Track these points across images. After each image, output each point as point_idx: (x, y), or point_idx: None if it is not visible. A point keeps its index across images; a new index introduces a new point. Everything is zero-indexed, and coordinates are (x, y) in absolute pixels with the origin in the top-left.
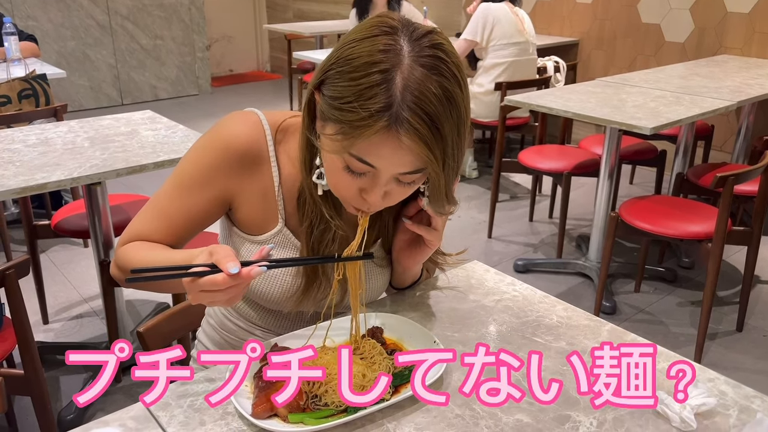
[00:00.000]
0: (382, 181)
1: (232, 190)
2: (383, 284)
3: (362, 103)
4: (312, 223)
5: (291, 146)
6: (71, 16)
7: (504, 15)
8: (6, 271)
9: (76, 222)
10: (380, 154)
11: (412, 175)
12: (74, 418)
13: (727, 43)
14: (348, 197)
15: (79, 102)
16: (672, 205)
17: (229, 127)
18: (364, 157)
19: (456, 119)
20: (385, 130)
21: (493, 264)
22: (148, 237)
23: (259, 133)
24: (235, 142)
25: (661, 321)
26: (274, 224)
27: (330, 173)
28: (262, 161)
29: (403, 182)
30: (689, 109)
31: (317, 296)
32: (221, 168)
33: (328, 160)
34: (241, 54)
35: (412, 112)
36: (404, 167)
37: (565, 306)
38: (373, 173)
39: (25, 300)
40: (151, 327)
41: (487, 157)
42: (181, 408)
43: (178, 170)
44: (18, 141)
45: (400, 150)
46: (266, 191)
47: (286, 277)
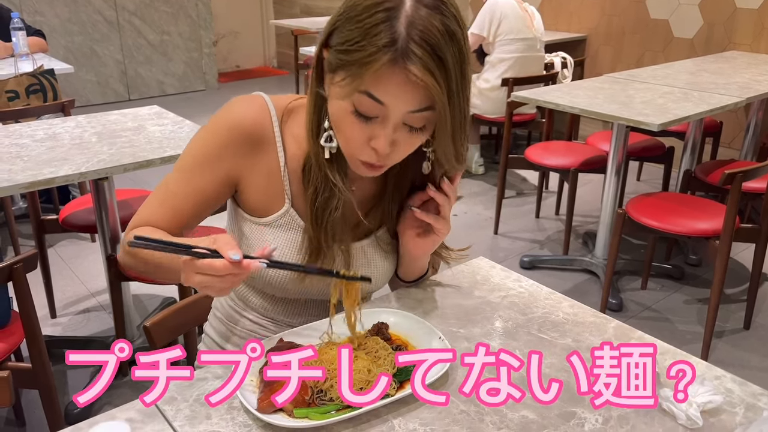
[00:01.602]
0: (390, 123)
1: (239, 171)
2: (389, 270)
3: (369, 40)
4: (317, 190)
5: (296, 127)
6: (78, 12)
7: (512, 10)
8: (14, 265)
9: (83, 217)
10: (388, 90)
11: (420, 115)
12: (81, 412)
13: (736, 39)
14: (357, 148)
15: (86, 97)
16: (679, 202)
17: (235, 109)
18: (373, 92)
19: (458, 55)
20: (391, 63)
21: (499, 260)
22: (157, 221)
23: (264, 114)
24: (242, 123)
25: (667, 318)
26: (280, 205)
27: (339, 125)
28: (267, 142)
29: (410, 126)
30: (697, 105)
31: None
32: (228, 148)
33: (337, 111)
34: (248, 49)
35: (417, 45)
36: (412, 104)
37: (571, 303)
38: (381, 117)
39: (33, 294)
40: (158, 322)
41: (494, 153)
42: (187, 402)
43: (186, 153)
44: (26, 136)
45: (407, 84)
46: (272, 172)
47: (290, 257)
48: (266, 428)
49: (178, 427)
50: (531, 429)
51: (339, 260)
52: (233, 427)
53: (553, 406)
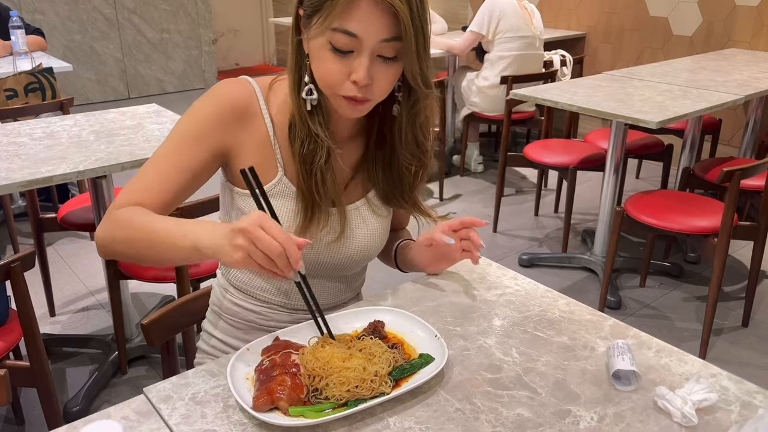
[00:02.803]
0: (365, 53)
1: (228, 144)
2: (384, 230)
3: None
4: (303, 143)
5: (281, 98)
6: (78, 10)
7: (511, 8)
8: (11, 263)
9: (82, 215)
10: (359, 19)
11: (390, 44)
12: (80, 410)
13: (735, 36)
14: (338, 83)
15: (85, 95)
16: (678, 200)
17: (221, 86)
18: (346, 26)
19: None
20: None
21: (498, 258)
22: (144, 197)
23: (249, 90)
24: (228, 98)
25: (666, 316)
26: (274, 174)
27: (320, 66)
28: (254, 115)
29: (384, 57)
30: (696, 103)
31: (319, 227)
32: (216, 121)
33: (316, 53)
34: (248, 47)
35: None
36: (382, 32)
37: (568, 301)
38: (357, 50)
39: (32, 293)
40: (155, 320)
41: (493, 151)
42: (182, 401)
43: (178, 128)
44: (24, 134)
45: (375, 11)
46: (262, 142)
47: (286, 223)
48: (262, 427)
49: (174, 426)
50: (526, 427)
51: (334, 219)
52: (229, 425)
53: (548, 404)
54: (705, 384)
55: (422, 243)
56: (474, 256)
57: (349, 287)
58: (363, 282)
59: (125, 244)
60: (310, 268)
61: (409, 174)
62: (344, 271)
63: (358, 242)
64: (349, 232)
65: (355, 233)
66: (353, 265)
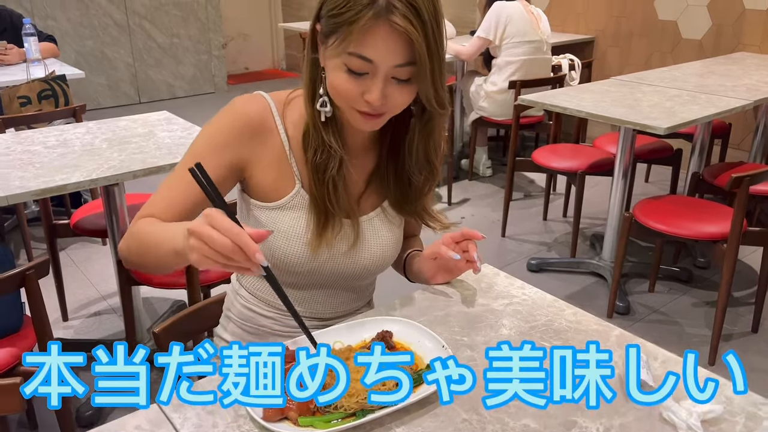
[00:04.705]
0: (379, 77)
1: (244, 159)
2: (396, 242)
3: (354, 2)
4: (316, 151)
5: (295, 114)
6: (89, 16)
7: (518, 13)
8: (26, 271)
9: (94, 221)
10: (375, 45)
11: (405, 69)
12: (92, 414)
13: (744, 40)
14: (351, 99)
15: (97, 100)
16: (687, 205)
17: (236, 103)
18: (361, 51)
19: (432, 7)
20: (374, 19)
21: (507, 263)
22: (164, 211)
23: (264, 105)
24: (244, 114)
25: (675, 321)
26: (291, 187)
27: (335, 84)
28: (269, 130)
29: (398, 79)
30: (705, 108)
31: (332, 234)
32: (232, 136)
33: (332, 70)
34: (257, 52)
35: (397, 0)
36: (396, 58)
37: (575, 310)
38: (371, 73)
39: (45, 297)
40: (167, 327)
41: (501, 154)
42: (194, 410)
43: (192, 145)
44: (38, 143)
45: (391, 36)
46: (279, 157)
47: (300, 234)
48: None
49: None
50: None
51: (348, 230)
52: None
53: (555, 415)
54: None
55: (428, 256)
56: (475, 267)
57: (361, 296)
58: (374, 289)
59: (137, 254)
60: (325, 278)
61: (418, 184)
62: (358, 281)
63: (372, 253)
64: (364, 243)
65: (369, 244)
66: (368, 275)
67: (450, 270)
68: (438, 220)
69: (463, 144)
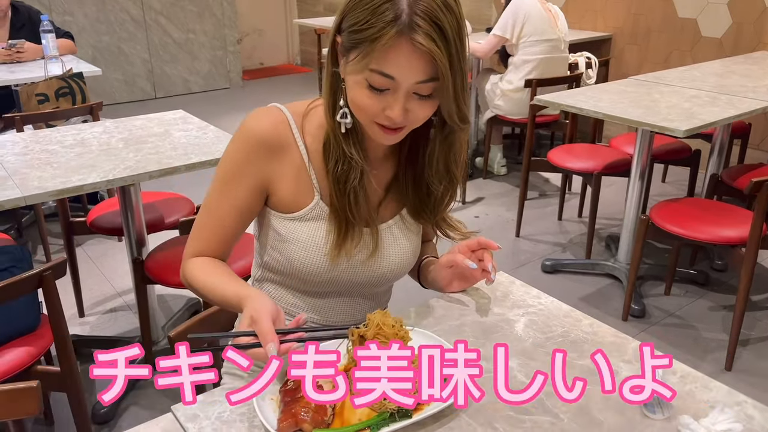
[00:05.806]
0: (401, 93)
1: (267, 176)
2: (414, 250)
3: (376, 18)
4: (337, 162)
5: (314, 127)
6: (106, 11)
7: (535, 11)
8: (44, 272)
9: (110, 219)
10: (397, 63)
11: (426, 85)
12: (108, 412)
13: (765, 38)
14: (372, 114)
15: (113, 96)
16: (705, 208)
17: (252, 121)
18: (383, 68)
19: (456, 24)
20: (397, 37)
21: (521, 263)
22: (207, 245)
23: (280, 119)
24: (259, 132)
25: (691, 325)
26: (310, 199)
27: (356, 99)
28: (287, 144)
29: (420, 95)
30: (725, 110)
31: (352, 244)
32: (251, 156)
33: (353, 86)
34: (272, 47)
35: (420, 17)
36: (418, 75)
37: (591, 321)
38: (392, 89)
39: (62, 293)
40: (182, 332)
41: (516, 153)
42: (209, 420)
43: (218, 172)
44: (55, 142)
45: (413, 54)
46: (298, 170)
47: (320, 244)
48: None
49: None
50: None
51: (367, 238)
52: None
53: (570, 430)
54: (730, 414)
55: (444, 264)
56: (489, 278)
57: (378, 303)
58: (390, 297)
59: (198, 294)
60: (343, 287)
61: (437, 193)
62: (376, 288)
63: (390, 260)
64: (382, 250)
65: (388, 252)
66: (385, 282)
67: (466, 278)
68: (457, 229)
69: (477, 142)
